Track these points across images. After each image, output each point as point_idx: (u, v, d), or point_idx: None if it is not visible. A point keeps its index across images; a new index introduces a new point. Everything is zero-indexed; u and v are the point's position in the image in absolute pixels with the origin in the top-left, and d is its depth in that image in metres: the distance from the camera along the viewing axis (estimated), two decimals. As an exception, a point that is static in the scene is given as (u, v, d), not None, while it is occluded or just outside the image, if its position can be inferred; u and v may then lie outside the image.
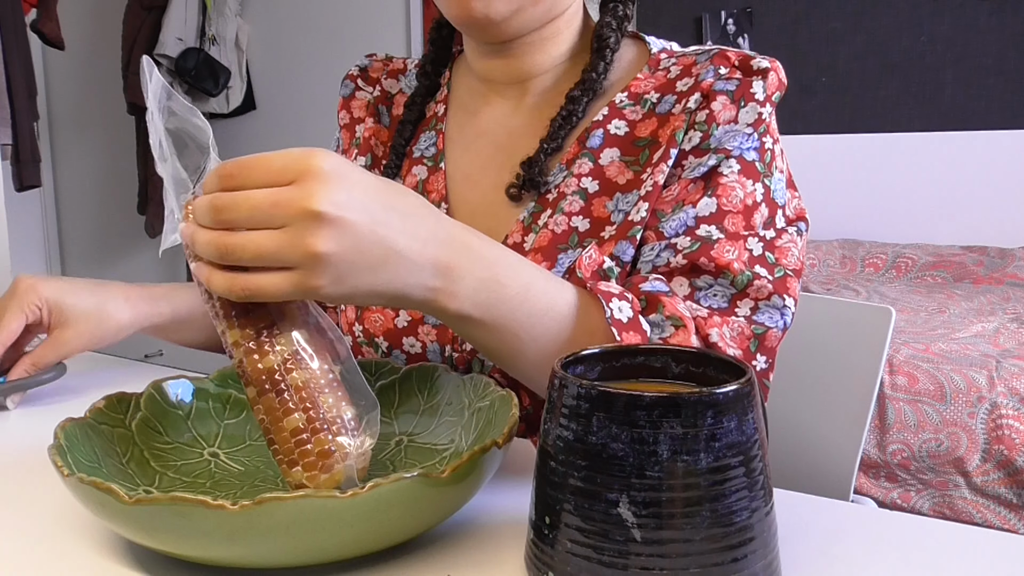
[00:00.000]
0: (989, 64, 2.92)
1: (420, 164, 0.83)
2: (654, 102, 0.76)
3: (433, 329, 0.77)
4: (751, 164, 0.71)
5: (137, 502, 0.43)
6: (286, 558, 0.46)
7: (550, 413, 0.44)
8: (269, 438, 0.51)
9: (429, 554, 0.50)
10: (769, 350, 0.68)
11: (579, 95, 0.75)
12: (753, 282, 0.68)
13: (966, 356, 1.90)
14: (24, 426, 0.76)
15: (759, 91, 0.72)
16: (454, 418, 0.63)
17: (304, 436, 0.50)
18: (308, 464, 0.50)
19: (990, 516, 1.78)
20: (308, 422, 0.50)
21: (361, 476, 0.51)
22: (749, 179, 0.71)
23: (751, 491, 0.41)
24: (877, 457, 1.86)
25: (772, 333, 0.68)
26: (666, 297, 0.66)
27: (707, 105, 0.72)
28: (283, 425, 0.50)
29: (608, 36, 0.77)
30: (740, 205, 0.70)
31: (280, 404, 0.50)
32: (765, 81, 0.72)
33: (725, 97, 0.71)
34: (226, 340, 0.52)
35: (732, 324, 0.67)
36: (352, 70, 0.92)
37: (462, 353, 0.76)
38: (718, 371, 0.47)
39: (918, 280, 2.77)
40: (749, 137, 0.71)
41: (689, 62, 0.77)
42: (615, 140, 0.76)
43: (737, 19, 3.23)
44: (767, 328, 0.68)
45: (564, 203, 0.74)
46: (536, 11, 0.74)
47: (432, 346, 0.77)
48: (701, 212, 0.70)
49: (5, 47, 2.77)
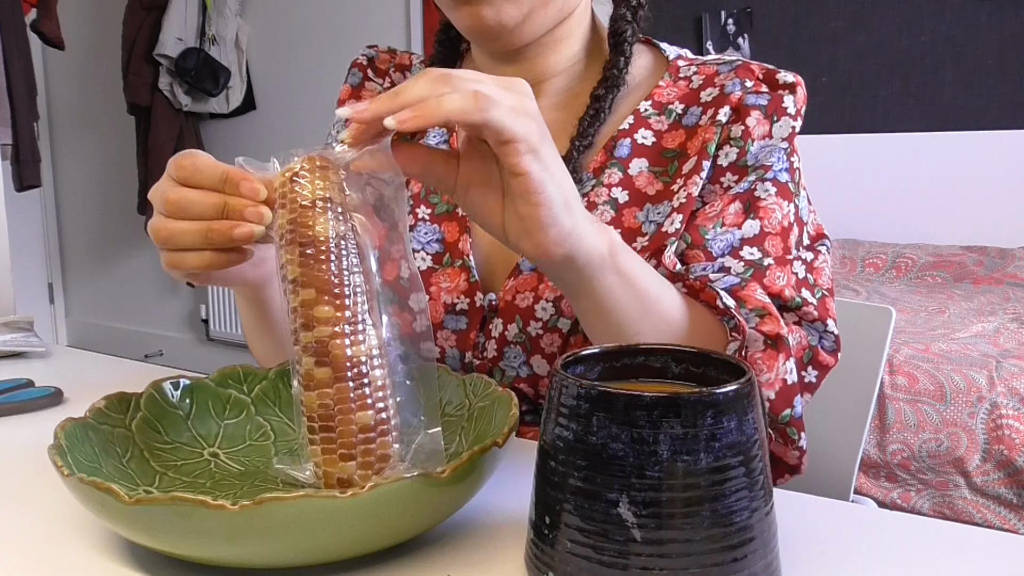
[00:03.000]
0: (989, 64, 2.91)
1: None
2: (679, 113, 0.76)
3: (452, 334, 0.77)
4: (785, 185, 0.72)
5: (137, 502, 0.43)
6: (286, 558, 0.46)
7: (550, 413, 0.44)
8: (325, 424, 0.50)
9: (429, 554, 0.50)
10: (821, 365, 0.72)
11: (603, 93, 0.75)
12: (802, 307, 0.70)
13: (966, 356, 1.90)
14: (24, 426, 0.77)
15: (790, 105, 0.73)
16: (454, 418, 0.63)
17: (371, 435, 0.50)
18: (365, 463, 0.50)
19: (990, 516, 1.78)
20: (378, 423, 0.50)
21: None
22: (784, 200, 0.72)
23: (751, 491, 0.41)
24: (877, 457, 1.86)
25: (823, 346, 0.72)
26: (741, 290, 0.68)
27: (741, 120, 0.72)
28: (354, 418, 0.50)
29: (624, 29, 0.77)
30: (779, 227, 0.71)
31: (357, 397, 0.50)
32: (795, 96, 0.73)
33: (759, 112, 0.72)
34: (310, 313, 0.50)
35: (794, 334, 0.71)
36: (359, 59, 0.91)
37: (483, 361, 0.76)
38: (718, 371, 0.47)
39: (918, 280, 2.77)
40: (784, 154, 0.73)
41: (711, 72, 0.77)
42: (643, 150, 0.76)
43: (737, 19, 3.22)
44: (820, 343, 0.72)
45: (595, 213, 0.74)
46: (547, 13, 0.73)
47: (451, 351, 0.77)
48: (746, 234, 0.71)
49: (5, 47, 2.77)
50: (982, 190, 2.94)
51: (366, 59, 0.91)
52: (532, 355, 0.74)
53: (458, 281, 0.77)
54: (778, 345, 0.66)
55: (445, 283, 0.77)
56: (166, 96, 3.45)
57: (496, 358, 0.75)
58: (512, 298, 0.74)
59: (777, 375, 0.66)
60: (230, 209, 0.53)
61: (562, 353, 0.73)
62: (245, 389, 0.66)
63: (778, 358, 0.66)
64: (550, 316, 0.73)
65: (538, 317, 0.73)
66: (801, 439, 0.69)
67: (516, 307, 0.74)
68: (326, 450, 0.50)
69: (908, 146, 3.03)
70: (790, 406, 0.67)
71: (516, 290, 0.74)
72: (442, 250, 0.79)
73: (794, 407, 0.67)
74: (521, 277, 0.74)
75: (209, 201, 0.53)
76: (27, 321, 1.05)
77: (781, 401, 0.67)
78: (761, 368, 0.65)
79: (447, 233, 0.79)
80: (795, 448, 0.69)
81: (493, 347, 0.75)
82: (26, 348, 1.01)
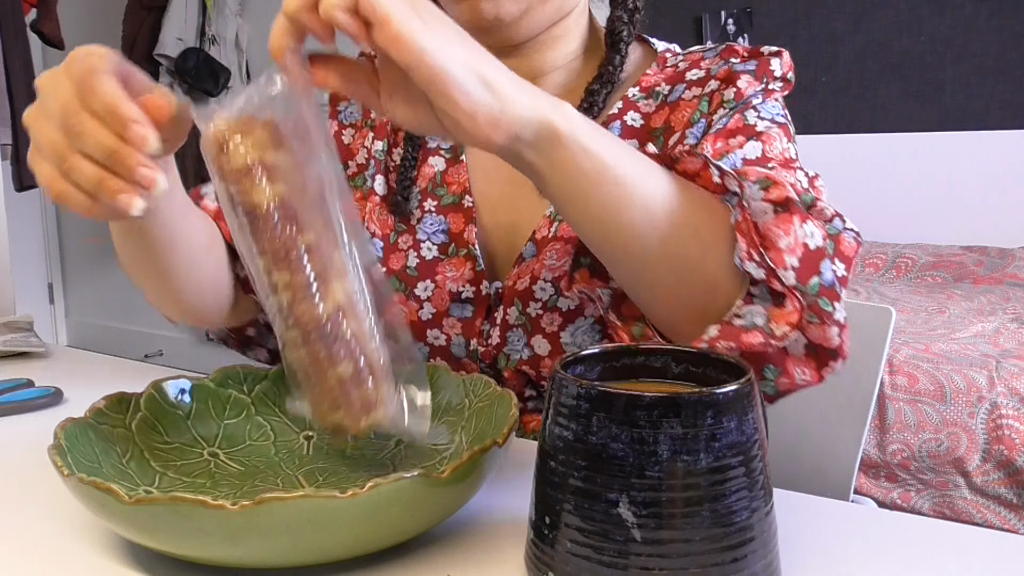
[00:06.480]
0: (989, 64, 2.91)
1: (437, 155, 0.83)
2: (665, 93, 0.78)
3: (458, 322, 0.77)
4: (784, 126, 0.71)
5: (137, 502, 0.43)
6: (286, 558, 0.46)
7: (550, 413, 0.44)
8: (308, 381, 0.52)
9: (429, 554, 0.50)
10: (844, 256, 0.62)
11: (598, 88, 0.76)
12: (816, 202, 0.62)
13: (966, 356, 1.90)
14: (24, 426, 0.77)
15: (777, 68, 0.73)
16: (454, 418, 0.63)
17: (350, 385, 0.52)
18: (351, 413, 0.52)
19: (990, 516, 1.78)
20: (355, 372, 0.52)
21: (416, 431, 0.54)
22: (785, 136, 0.71)
23: (751, 491, 0.41)
24: (877, 457, 1.86)
25: (843, 238, 0.62)
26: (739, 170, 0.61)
27: (732, 84, 0.72)
28: (330, 375, 0.51)
29: (621, 29, 0.78)
30: (782, 157, 0.69)
31: (330, 354, 0.51)
32: (781, 59, 0.73)
33: (748, 76, 0.72)
34: (267, 279, 0.51)
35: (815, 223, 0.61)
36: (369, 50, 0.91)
37: (488, 348, 0.76)
38: (718, 371, 0.47)
39: (918, 280, 2.77)
40: (780, 105, 0.72)
41: (697, 57, 0.79)
42: (632, 132, 0.77)
43: (737, 19, 3.23)
44: (839, 232, 0.62)
45: None
46: (545, 11, 0.74)
47: (456, 339, 0.78)
48: (748, 155, 0.68)
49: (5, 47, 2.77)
50: (982, 190, 2.94)
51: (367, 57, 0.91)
52: (532, 335, 0.74)
53: (463, 270, 0.78)
54: (789, 208, 0.57)
55: (451, 272, 0.78)
56: (166, 96, 3.44)
57: (500, 344, 0.75)
58: (514, 284, 0.75)
59: (796, 239, 0.57)
60: (119, 161, 0.48)
61: (562, 332, 0.73)
62: (245, 389, 0.66)
63: (792, 220, 0.57)
64: (549, 296, 0.73)
65: (537, 298, 0.74)
66: (836, 311, 0.58)
67: (516, 291, 0.75)
68: (315, 403, 0.53)
69: (908, 146, 3.03)
70: (817, 273, 0.57)
71: (518, 276, 0.75)
72: (447, 240, 0.79)
73: (822, 274, 0.58)
74: (524, 264, 0.75)
75: (103, 142, 0.48)
76: (27, 321, 1.05)
77: (806, 268, 0.57)
78: (777, 234, 0.57)
79: (452, 224, 0.80)
80: (833, 323, 0.59)
81: (497, 334, 0.76)
82: (26, 348, 1.01)
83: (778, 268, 0.56)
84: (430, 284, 0.78)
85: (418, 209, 0.82)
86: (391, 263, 0.81)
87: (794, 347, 0.60)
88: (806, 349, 0.60)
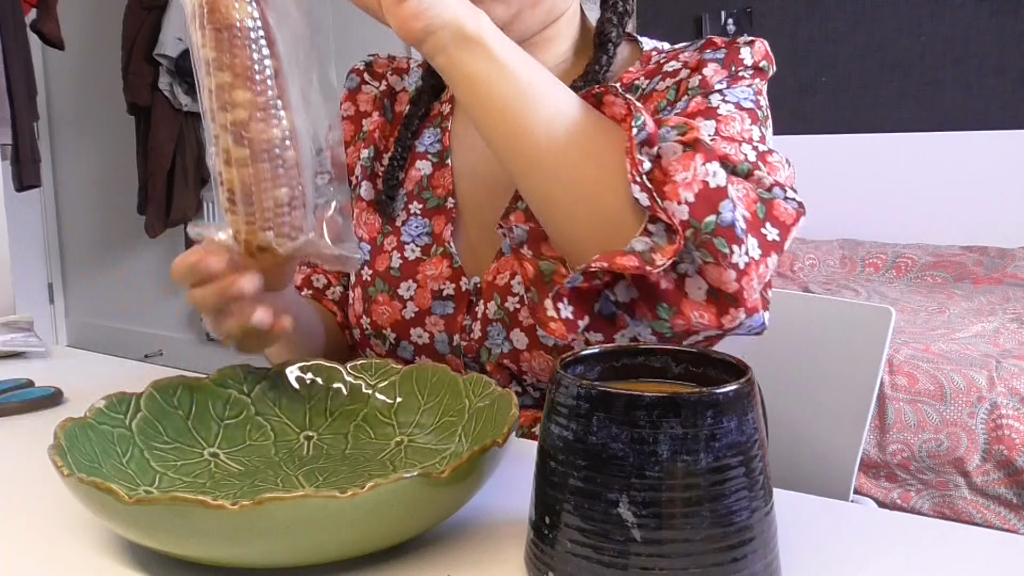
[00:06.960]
0: (989, 64, 2.91)
1: (424, 159, 0.85)
2: (643, 87, 0.78)
3: (441, 319, 0.79)
4: (751, 110, 0.70)
5: (137, 502, 0.43)
6: (286, 558, 0.46)
7: (550, 413, 0.44)
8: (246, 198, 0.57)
9: (429, 554, 0.50)
10: (779, 222, 0.61)
11: (581, 86, 0.76)
12: (753, 172, 0.62)
13: (966, 356, 1.90)
14: (24, 426, 0.77)
15: (747, 57, 0.73)
16: (454, 418, 0.63)
17: (285, 209, 0.57)
18: (281, 233, 0.57)
19: (990, 516, 1.78)
20: (292, 199, 0.57)
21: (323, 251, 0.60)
22: (748, 118, 0.69)
23: (751, 491, 0.41)
24: (877, 457, 1.86)
25: (779, 203, 0.61)
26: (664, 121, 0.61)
27: (698, 72, 0.73)
28: (270, 195, 0.56)
29: (610, 31, 0.79)
30: (737, 137, 0.68)
31: (273, 176, 0.56)
32: (752, 48, 0.73)
33: (716, 64, 0.73)
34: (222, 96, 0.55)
35: (736, 185, 0.60)
36: (358, 65, 0.94)
37: (470, 342, 0.77)
38: (718, 371, 0.47)
39: (918, 280, 2.77)
40: (751, 91, 0.71)
41: (678, 52, 0.79)
42: None
43: (737, 19, 3.23)
44: (774, 197, 0.61)
45: None
46: (535, 14, 0.75)
47: (440, 336, 0.79)
48: None
49: (5, 47, 2.77)
50: (982, 190, 2.94)
51: (364, 64, 0.95)
52: (511, 329, 0.75)
53: (441, 268, 0.80)
54: (695, 147, 0.57)
55: (431, 271, 0.80)
56: (166, 96, 3.44)
57: (481, 338, 0.77)
58: (493, 278, 0.77)
59: (695, 175, 0.56)
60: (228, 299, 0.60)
61: None
62: (245, 389, 0.66)
63: (695, 157, 0.57)
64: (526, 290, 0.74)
65: (515, 292, 0.75)
66: (734, 253, 0.56)
67: (496, 286, 0.76)
68: (247, 221, 0.57)
69: (908, 146, 3.03)
70: (715, 212, 0.56)
71: (497, 271, 0.77)
72: (430, 242, 0.82)
73: (720, 213, 0.56)
74: (503, 259, 0.77)
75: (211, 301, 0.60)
76: (27, 321, 1.05)
77: (702, 203, 0.56)
78: (676, 168, 0.57)
79: (435, 226, 0.82)
80: (729, 266, 0.57)
81: (478, 328, 0.77)
82: (26, 348, 1.01)
83: (670, 201, 0.56)
84: (412, 284, 0.80)
85: (403, 211, 0.84)
86: (377, 265, 0.82)
87: (694, 290, 0.58)
88: (707, 294, 0.58)
